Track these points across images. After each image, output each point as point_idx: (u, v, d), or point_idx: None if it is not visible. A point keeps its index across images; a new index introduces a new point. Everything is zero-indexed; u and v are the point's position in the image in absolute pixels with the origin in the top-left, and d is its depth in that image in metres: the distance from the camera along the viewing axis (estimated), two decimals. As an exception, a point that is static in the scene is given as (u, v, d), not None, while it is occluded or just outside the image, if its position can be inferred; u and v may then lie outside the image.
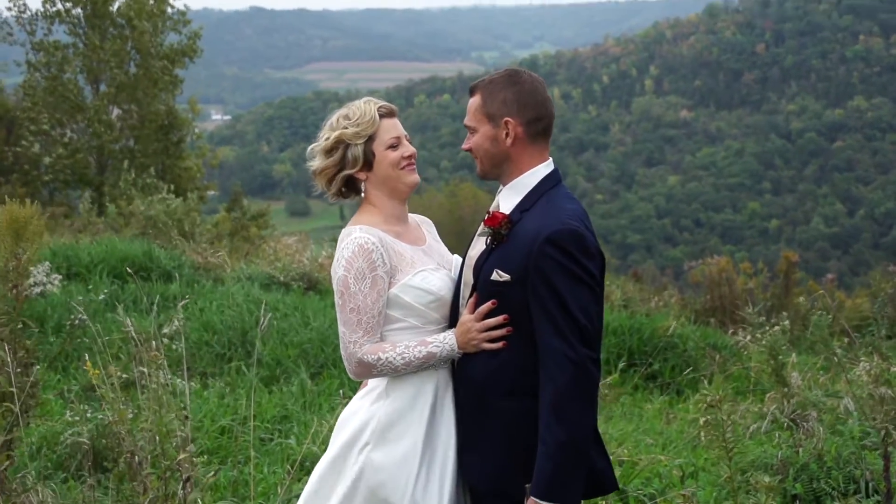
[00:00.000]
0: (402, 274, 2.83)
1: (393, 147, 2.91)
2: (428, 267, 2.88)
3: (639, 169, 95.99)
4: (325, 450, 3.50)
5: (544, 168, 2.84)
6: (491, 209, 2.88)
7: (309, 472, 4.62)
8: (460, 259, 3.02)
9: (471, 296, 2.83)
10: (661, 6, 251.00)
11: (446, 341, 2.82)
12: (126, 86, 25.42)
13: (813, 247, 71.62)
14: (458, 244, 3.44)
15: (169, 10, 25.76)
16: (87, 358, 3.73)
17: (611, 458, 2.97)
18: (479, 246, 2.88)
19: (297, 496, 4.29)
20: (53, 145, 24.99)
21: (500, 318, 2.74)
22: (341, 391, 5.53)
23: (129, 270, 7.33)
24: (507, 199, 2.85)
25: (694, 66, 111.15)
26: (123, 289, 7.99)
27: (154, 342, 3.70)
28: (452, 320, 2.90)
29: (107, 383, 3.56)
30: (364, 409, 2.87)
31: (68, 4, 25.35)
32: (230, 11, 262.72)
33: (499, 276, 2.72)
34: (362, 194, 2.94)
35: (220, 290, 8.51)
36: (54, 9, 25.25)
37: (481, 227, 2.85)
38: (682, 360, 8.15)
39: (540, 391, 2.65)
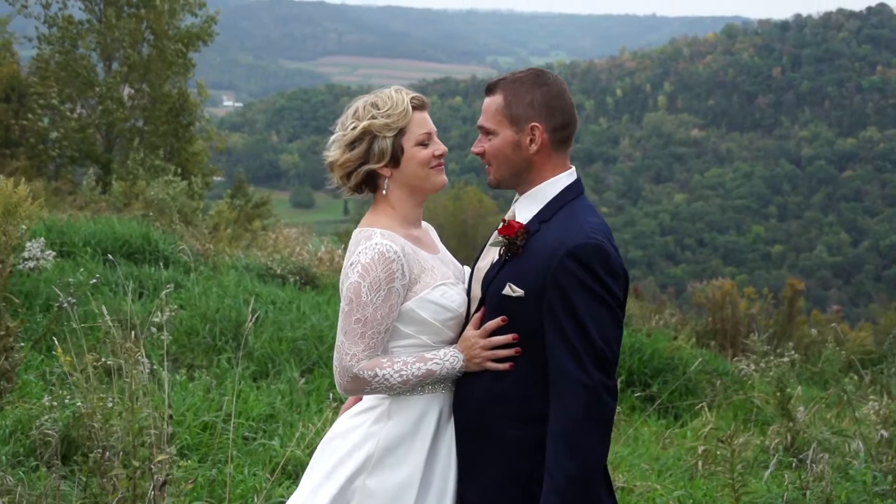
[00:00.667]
0: (421, 286, 2.57)
1: (423, 144, 2.62)
2: (448, 280, 2.62)
3: (646, 184, 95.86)
4: (308, 454, 3.28)
5: (566, 177, 2.60)
6: (506, 218, 2.62)
7: (291, 477, 4.45)
8: (469, 270, 2.77)
9: (477, 310, 2.60)
10: (680, 23, 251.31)
11: (447, 358, 2.56)
12: (138, 65, 25.27)
13: (815, 275, 71.37)
14: (459, 248, 3.20)
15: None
16: (57, 344, 3.52)
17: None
18: (489, 257, 2.62)
19: (277, 502, 4.11)
20: (62, 120, 24.86)
21: (508, 337, 2.51)
22: (331, 394, 5.35)
23: (123, 252, 7.14)
24: (525, 209, 2.59)
25: (709, 86, 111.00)
26: (116, 270, 7.80)
27: (134, 332, 3.51)
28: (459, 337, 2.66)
29: (81, 372, 3.36)
30: (362, 428, 2.59)
31: (86, -20, 25.21)
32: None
33: (511, 290, 2.48)
34: (384, 192, 2.64)
35: (217, 279, 8.33)
36: (71, -17, 25.11)
37: (493, 237, 2.60)
38: (681, 383, 7.97)
39: (550, 419, 2.42)
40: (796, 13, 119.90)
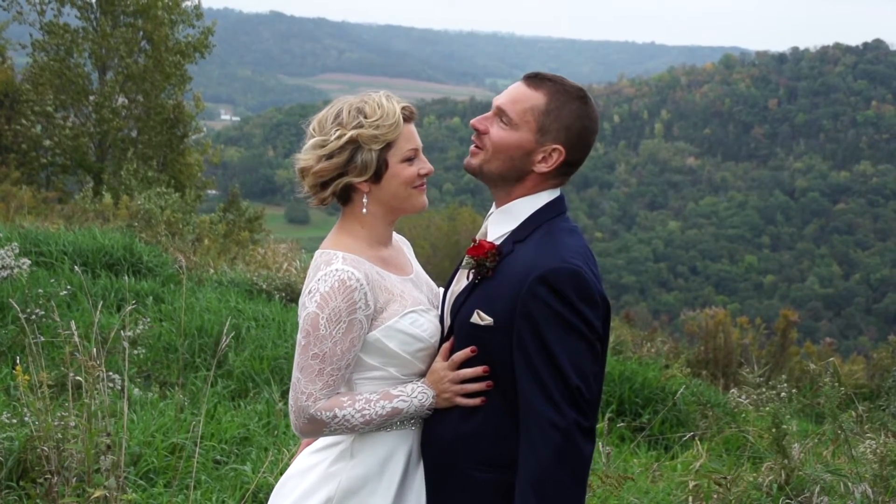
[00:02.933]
0: (389, 314, 2.31)
1: (409, 160, 2.36)
2: (419, 306, 2.36)
3: (640, 211, 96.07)
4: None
5: (547, 194, 2.34)
6: (477, 237, 2.38)
7: (262, 505, 4.23)
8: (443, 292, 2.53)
9: (446, 339, 2.36)
10: (679, 52, 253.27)
11: (415, 395, 2.31)
12: (134, 75, 25.18)
13: (806, 306, 71.38)
14: (452, 268, 2.95)
15: (184, 3, 25.57)
16: (18, 360, 3.31)
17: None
18: (462, 280, 2.38)
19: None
20: (55, 128, 24.73)
21: (478, 370, 2.26)
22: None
23: (104, 263, 6.93)
24: (498, 226, 2.35)
25: (705, 115, 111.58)
26: (95, 282, 7.59)
27: (96, 348, 3.30)
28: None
29: (36, 390, 3.15)
30: (320, 467, 2.34)
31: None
32: (250, 13, 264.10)
33: (479, 318, 2.24)
34: (364, 210, 2.36)
35: (198, 293, 8.11)
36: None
37: (465, 258, 2.34)
38: (672, 413, 7.77)
39: (518, 464, 2.17)
40: (793, 46, 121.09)
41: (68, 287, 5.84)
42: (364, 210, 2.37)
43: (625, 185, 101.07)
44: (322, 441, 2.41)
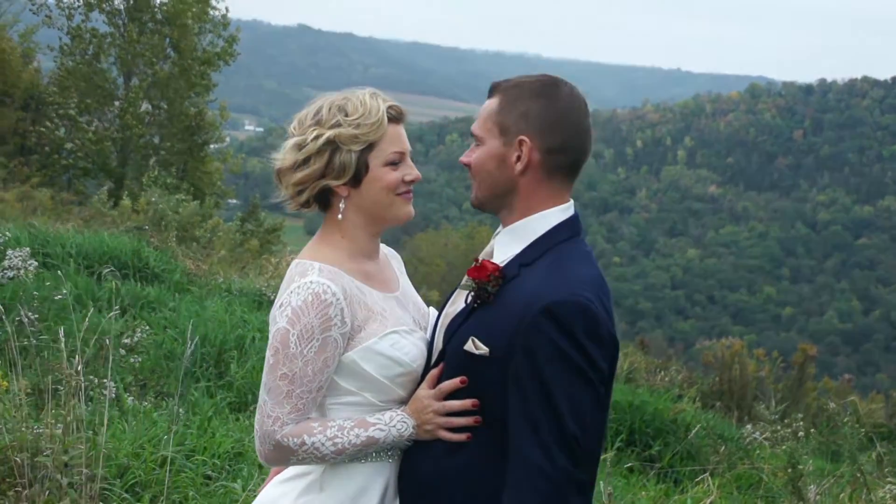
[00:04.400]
0: (367, 334, 2.10)
1: (393, 164, 2.16)
2: (402, 327, 2.15)
3: (660, 237, 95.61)
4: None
5: (560, 212, 2.11)
6: (481, 257, 2.16)
7: (250, 525, 4.06)
8: (436, 313, 2.30)
9: (436, 364, 2.13)
10: (704, 79, 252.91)
11: (393, 423, 2.09)
12: (160, 82, 25.30)
13: (824, 340, 70.56)
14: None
15: (212, 12, 25.71)
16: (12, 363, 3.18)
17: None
18: (459, 302, 2.16)
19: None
20: (78, 131, 24.85)
21: (466, 403, 2.04)
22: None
23: (110, 268, 6.83)
24: (505, 247, 2.13)
25: (729, 143, 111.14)
26: (101, 286, 7.48)
27: (78, 357, 3.16)
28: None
29: (14, 398, 3.02)
30: (287, 499, 2.14)
31: (111, -7, 25.39)
32: (278, 26, 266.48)
33: (474, 346, 2.02)
34: (339, 216, 2.17)
35: (203, 302, 7.99)
36: (96, -4, 25.28)
37: (464, 279, 2.11)
38: (683, 446, 7.55)
39: None
40: (821, 77, 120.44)
41: (64, 291, 5.71)
42: (339, 216, 2.19)
43: (645, 211, 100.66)
44: (291, 470, 2.21)
